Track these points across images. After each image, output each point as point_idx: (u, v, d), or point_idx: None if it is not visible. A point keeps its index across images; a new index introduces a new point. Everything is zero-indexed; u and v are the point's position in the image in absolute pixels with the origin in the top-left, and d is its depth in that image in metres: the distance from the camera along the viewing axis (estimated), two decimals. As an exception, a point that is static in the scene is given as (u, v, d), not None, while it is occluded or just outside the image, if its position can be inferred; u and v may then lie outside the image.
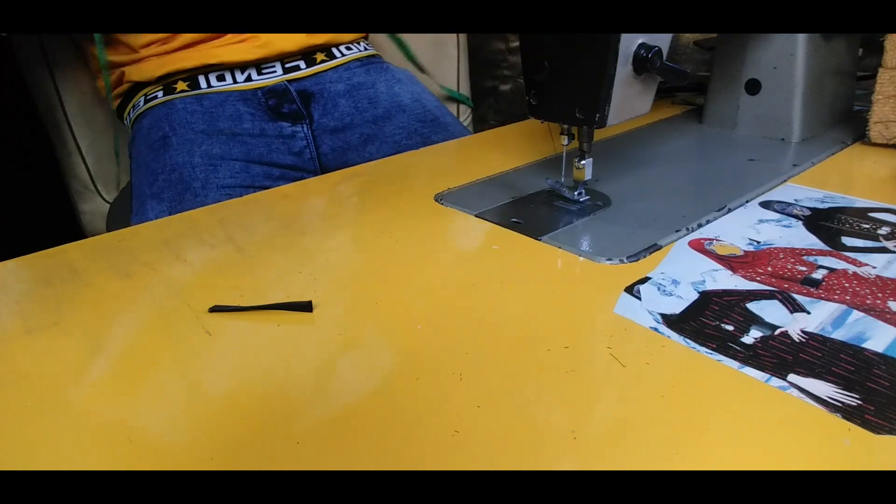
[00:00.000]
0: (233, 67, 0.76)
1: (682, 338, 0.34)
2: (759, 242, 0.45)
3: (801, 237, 0.45)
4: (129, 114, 0.80)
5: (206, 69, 0.75)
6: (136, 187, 0.72)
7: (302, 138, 0.77)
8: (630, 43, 0.44)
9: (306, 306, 0.38)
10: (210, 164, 0.70)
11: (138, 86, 0.77)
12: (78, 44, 0.85)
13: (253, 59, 0.75)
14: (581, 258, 0.44)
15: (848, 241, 0.44)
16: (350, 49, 0.85)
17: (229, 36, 0.74)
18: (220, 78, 0.76)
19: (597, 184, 0.56)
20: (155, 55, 0.74)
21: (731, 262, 0.42)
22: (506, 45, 1.35)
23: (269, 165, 0.74)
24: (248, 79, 0.76)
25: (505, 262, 0.44)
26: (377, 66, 0.86)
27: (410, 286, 0.41)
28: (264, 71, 0.77)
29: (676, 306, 0.37)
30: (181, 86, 0.75)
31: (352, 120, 0.80)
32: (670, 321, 0.36)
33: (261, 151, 0.74)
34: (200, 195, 0.66)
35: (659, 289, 0.39)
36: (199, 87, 0.75)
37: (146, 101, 0.76)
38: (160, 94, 0.75)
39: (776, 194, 0.53)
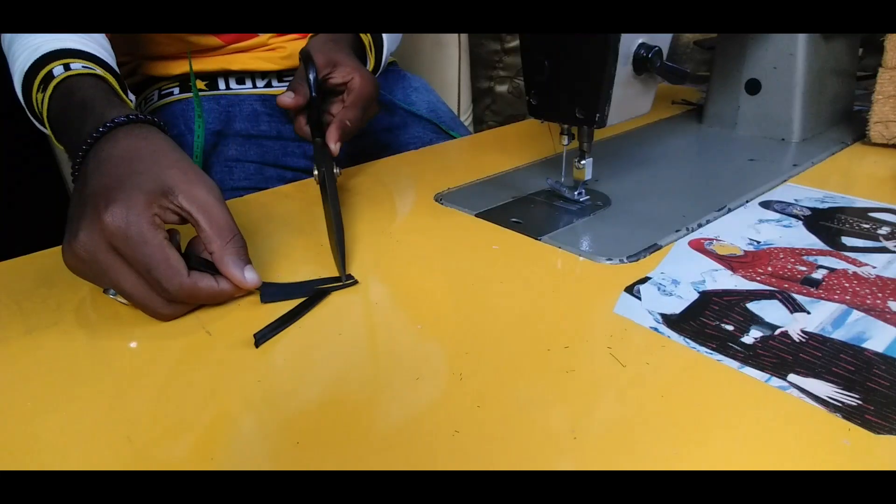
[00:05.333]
0: (254, 74, 0.76)
1: (682, 338, 0.34)
2: (759, 242, 0.45)
3: (801, 237, 0.45)
4: (139, 105, 0.79)
5: (227, 74, 0.75)
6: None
7: None
8: (630, 43, 0.44)
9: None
10: (226, 166, 0.70)
11: (153, 79, 0.76)
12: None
13: (276, 70, 0.75)
14: (581, 258, 0.44)
15: (848, 241, 0.44)
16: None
17: (257, 46, 0.74)
18: (240, 81, 0.75)
19: (597, 184, 0.56)
20: (178, 56, 0.73)
21: (731, 262, 0.42)
22: (501, 45, 1.34)
23: (284, 168, 0.74)
24: (269, 85, 0.76)
25: (505, 262, 0.44)
26: (394, 74, 0.85)
27: (410, 286, 0.41)
28: (285, 79, 0.76)
29: (676, 306, 0.37)
30: (199, 84, 0.74)
31: (368, 126, 0.80)
32: (670, 321, 0.36)
33: (276, 154, 0.74)
34: None
35: (659, 289, 0.39)
36: (218, 89, 0.75)
37: (160, 97, 0.75)
38: (176, 90, 0.74)
39: (776, 194, 0.53)
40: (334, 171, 0.53)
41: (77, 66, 0.49)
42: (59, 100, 0.48)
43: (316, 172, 0.53)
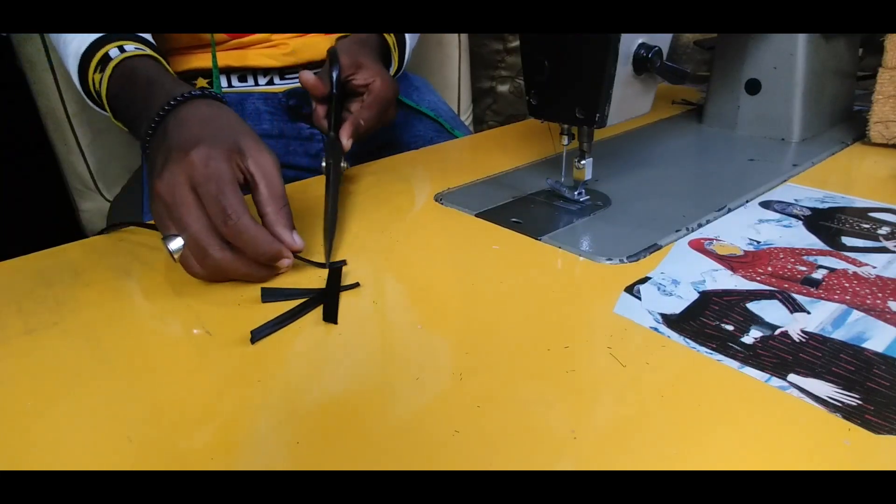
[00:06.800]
0: (256, 71, 0.76)
1: (682, 338, 0.34)
2: (759, 242, 0.45)
3: (801, 237, 0.45)
4: None
5: (229, 71, 0.75)
6: (148, 183, 0.70)
7: (319, 140, 0.77)
8: (630, 43, 0.44)
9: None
10: None
11: None
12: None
13: (278, 67, 0.75)
14: (581, 258, 0.44)
15: (848, 240, 0.44)
16: None
17: (259, 42, 0.74)
18: (242, 79, 0.75)
19: (597, 184, 0.56)
20: (179, 53, 0.73)
21: (731, 262, 0.42)
22: (503, 45, 1.34)
23: (286, 167, 0.74)
24: (271, 82, 0.76)
25: (505, 262, 0.44)
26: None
27: (410, 286, 0.41)
28: (287, 77, 0.76)
29: (676, 306, 0.37)
30: (201, 82, 0.74)
31: None
32: (670, 321, 0.36)
33: (278, 152, 0.73)
34: None
35: (659, 289, 0.39)
36: (220, 86, 0.75)
37: None
38: None
39: (776, 194, 0.53)
40: (342, 164, 0.56)
41: (130, 48, 0.54)
42: (119, 79, 0.52)
43: (324, 164, 0.56)
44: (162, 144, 0.42)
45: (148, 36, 0.57)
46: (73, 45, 0.55)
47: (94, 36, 0.54)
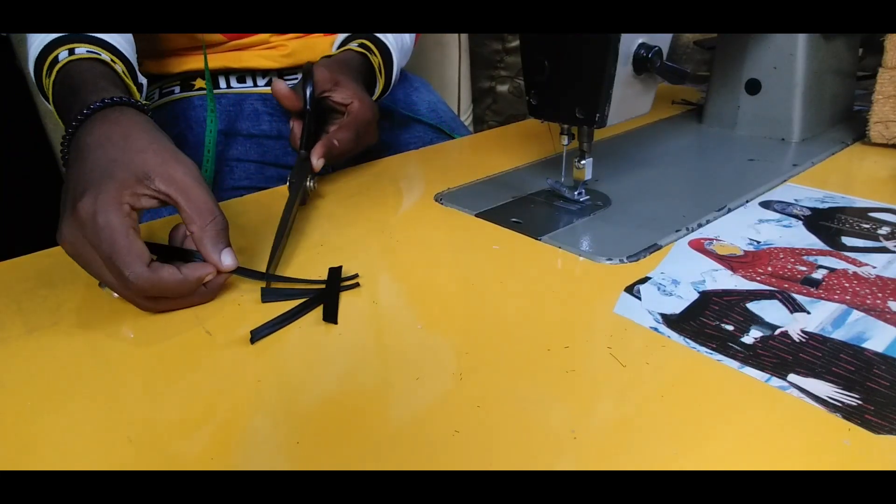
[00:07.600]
0: (255, 73, 0.76)
1: (682, 338, 0.34)
2: (759, 242, 0.45)
3: (801, 237, 0.45)
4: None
5: (228, 72, 0.75)
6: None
7: None
8: (630, 43, 0.44)
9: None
10: (227, 165, 0.70)
11: (154, 77, 0.76)
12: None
13: (276, 68, 0.75)
14: (581, 258, 0.44)
15: (848, 240, 0.44)
16: None
17: (258, 43, 0.74)
18: (241, 80, 0.75)
19: (597, 184, 0.56)
20: (178, 53, 0.73)
21: (731, 262, 0.42)
22: (503, 45, 1.34)
23: (284, 168, 0.74)
24: (270, 84, 0.76)
25: (505, 262, 0.44)
26: None
27: (410, 286, 0.41)
28: (286, 78, 0.76)
29: (676, 306, 0.37)
30: (200, 83, 0.74)
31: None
32: (670, 321, 0.36)
33: (276, 153, 0.74)
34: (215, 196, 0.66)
35: (659, 289, 0.39)
36: (219, 87, 0.74)
37: (161, 95, 0.75)
38: (177, 89, 0.74)
39: (776, 194, 0.53)
40: (308, 184, 0.54)
41: (82, 50, 0.49)
42: (59, 85, 0.48)
43: (287, 183, 0.54)
44: (66, 181, 0.39)
45: (116, 37, 0.53)
46: (32, 48, 0.51)
47: (51, 37, 0.49)
